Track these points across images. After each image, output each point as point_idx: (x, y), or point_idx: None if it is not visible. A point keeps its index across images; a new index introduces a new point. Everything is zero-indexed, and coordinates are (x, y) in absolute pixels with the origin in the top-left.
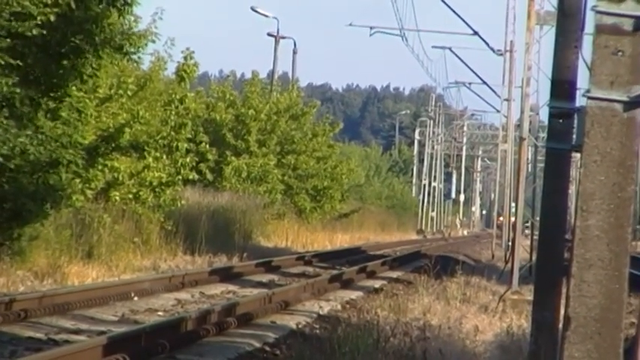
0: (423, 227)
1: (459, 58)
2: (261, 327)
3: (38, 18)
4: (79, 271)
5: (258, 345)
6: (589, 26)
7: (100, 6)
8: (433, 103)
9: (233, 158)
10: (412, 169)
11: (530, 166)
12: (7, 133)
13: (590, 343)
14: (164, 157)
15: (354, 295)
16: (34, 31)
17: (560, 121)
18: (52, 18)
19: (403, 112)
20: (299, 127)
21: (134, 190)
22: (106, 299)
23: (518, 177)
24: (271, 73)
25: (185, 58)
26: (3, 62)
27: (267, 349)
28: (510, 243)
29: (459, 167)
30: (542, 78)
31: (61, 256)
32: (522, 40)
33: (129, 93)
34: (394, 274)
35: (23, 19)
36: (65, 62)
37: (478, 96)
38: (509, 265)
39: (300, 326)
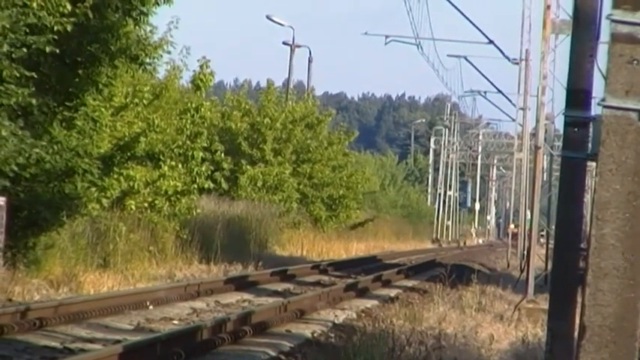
0: (439, 236)
1: (475, 67)
2: (276, 336)
3: (55, 28)
4: (95, 280)
5: (273, 354)
6: (604, 35)
7: (116, 15)
8: (448, 111)
9: (248, 167)
10: (428, 178)
11: (545, 174)
12: (23, 143)
13: (605, 352)
14: (179, 165)
15: (369, 303)
16: (48, 49)
17: (576, 129)
18: (69, 28)
19: (418, 121)
20: (314, 135)
21: (150, 199)
22: (122, 308)
23: (533, 186)
24: (287, 82)
25: (201, 66)
26: (18, 74)
27: (283, 357)
28: (526, 252)
29: (475, 176)
30: (557, 87)
31: (77, 264)
32: (538, 49)
33: (144, 102)
34: (409, 283)
35: (39, 31)
36: (80, 71)
37: (493, 105)
38: (525, 274)
39: (315, 335)
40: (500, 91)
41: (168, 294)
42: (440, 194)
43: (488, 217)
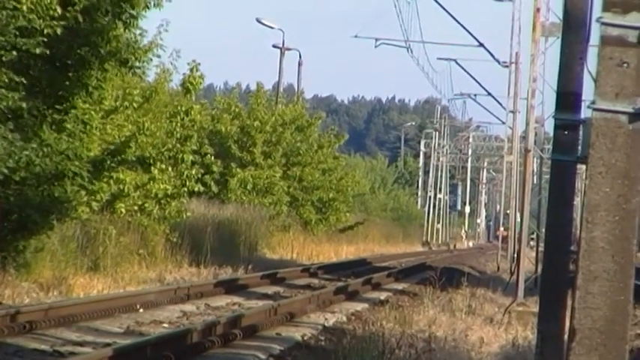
0: (429, 239)
1: (465, 70)
2: (266, 339)
3: (45, 31)
4: (85, 283)
5: (263, 357)
6: (594, 38)
7: (106, 19)
8: (438, 114)
9: (238, 170)
10: (418, 181)
11: (535, 177)
12: (13, 146)
13: (595, 354)
14: (169, 169)
15: (359, 306)
16: (38, 50)
17: (566, 132)
18: (59, 31)
19: (408, 124)
20: (304, 138)
21: (140, 202)
22: (112, 311)
23: (523, 189)
24: (277, 85)
25: (191, 69)
26: (7, 79)
27: None
28: (516, 255)
29: (465, 179)
30: (547, 90)
31: (67, 268)
32: (528, 52)
33: (134, 105)
34: (399, 286)
35: (29, 34)
36: (70, 74)
37: (483, 108)
38: (515, 276)
39: (305, 338)
40: (490, 94)
41: (158, 297)
42: (430, 197)
43: (479, 220)
